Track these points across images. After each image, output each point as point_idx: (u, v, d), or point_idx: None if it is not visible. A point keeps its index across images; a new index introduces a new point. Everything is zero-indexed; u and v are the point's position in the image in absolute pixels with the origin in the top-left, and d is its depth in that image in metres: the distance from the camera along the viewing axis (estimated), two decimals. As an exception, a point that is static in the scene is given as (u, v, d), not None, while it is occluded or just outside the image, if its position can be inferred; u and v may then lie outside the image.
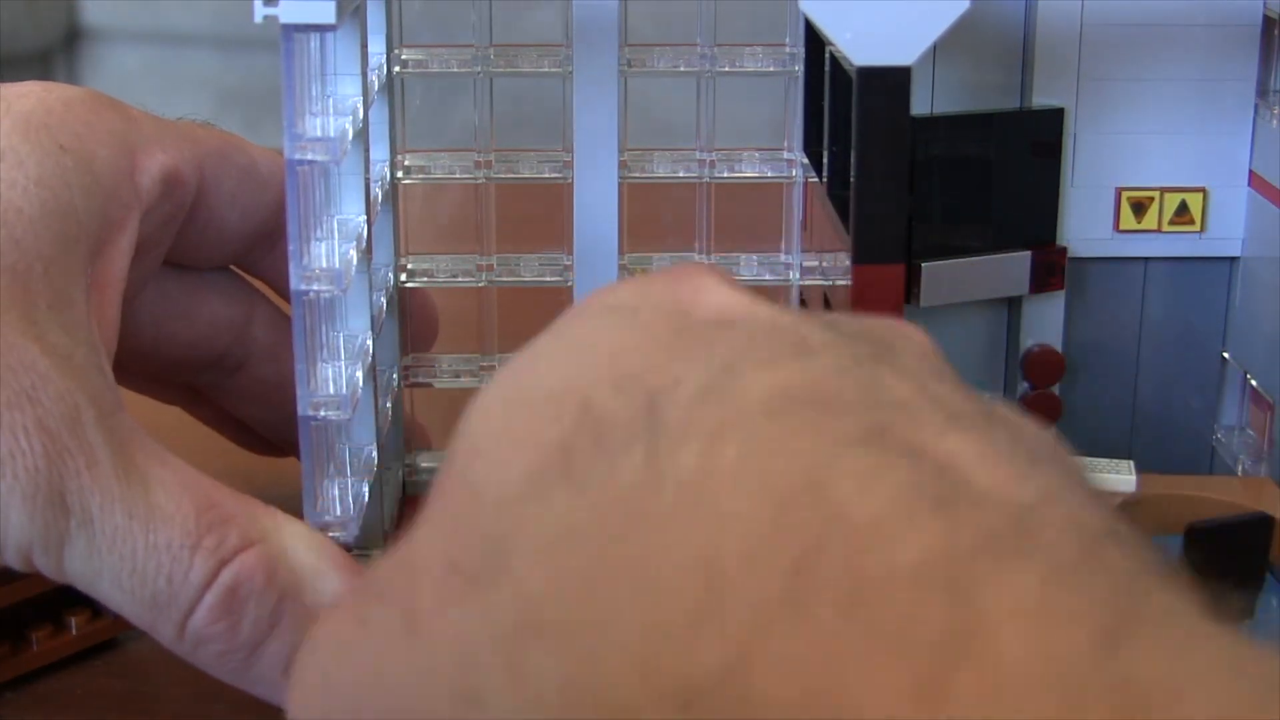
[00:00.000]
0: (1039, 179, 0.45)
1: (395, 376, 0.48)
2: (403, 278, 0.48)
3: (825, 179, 0.45)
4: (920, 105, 0.43)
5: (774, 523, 0.21)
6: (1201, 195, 0.46)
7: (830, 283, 0.44)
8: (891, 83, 0.38)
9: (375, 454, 0.43)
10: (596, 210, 0.47)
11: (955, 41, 0.40)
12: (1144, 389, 0.47)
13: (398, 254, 0.48)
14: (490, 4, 0.48)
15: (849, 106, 0.38)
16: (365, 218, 0.42)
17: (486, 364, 0.50)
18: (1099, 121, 0.45)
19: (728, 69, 0.49)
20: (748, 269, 0.50)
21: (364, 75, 0.42)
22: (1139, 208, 0.46)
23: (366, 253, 0.42)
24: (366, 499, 0.41)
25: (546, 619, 0.23)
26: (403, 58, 0.48)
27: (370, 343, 0.42)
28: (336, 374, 0.40)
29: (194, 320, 0.46)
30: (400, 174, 0.48)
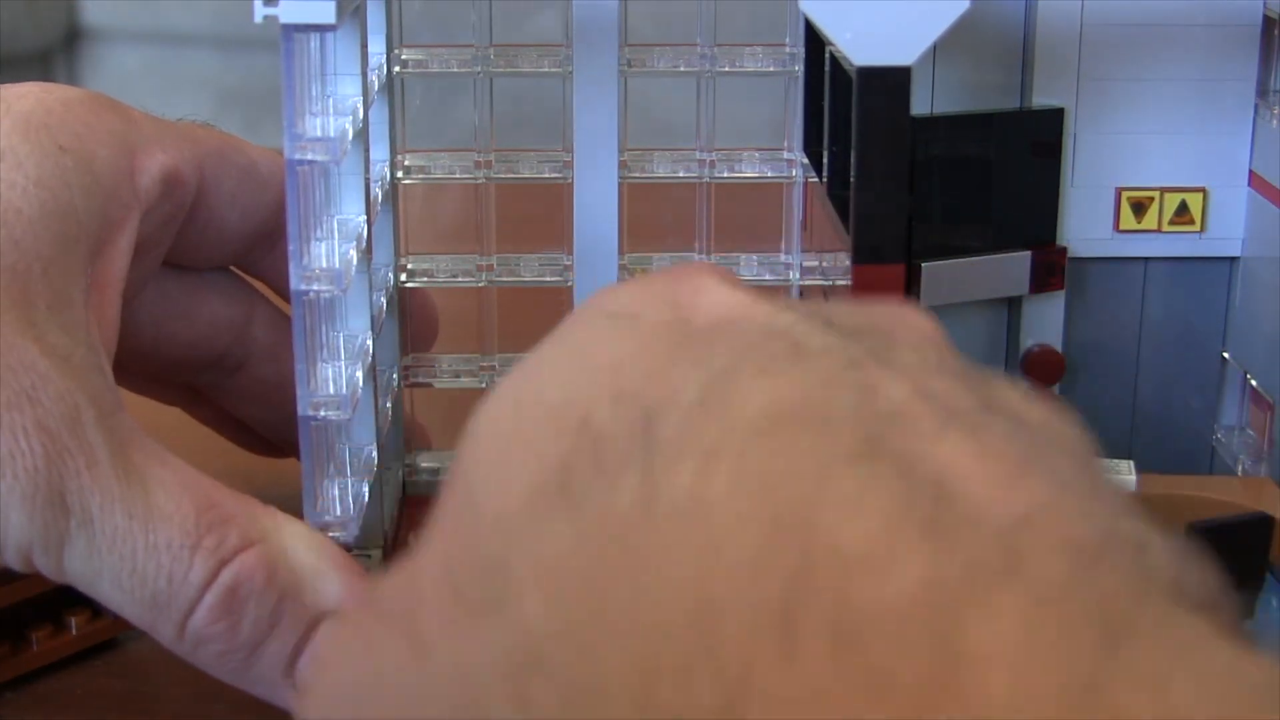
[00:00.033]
0: (1039, 179, 0.45)
1: (395, 376, 0.48)
2: (403, 278, 0.48)
3: (825, 179, 0.45)
4: (920, 105, 0.43)
5: (764, 553, 0.21)
6: (1201, 195, 0.46)
7: (830, 283, 0.44)
8: (891, 83, 0.38)
9: (375, 454, 0.43)
10: (596, 210, 0.47)
11: (955, 41, 0.40)
12: (1144, 389, 0.47)
13: (398, 254, 0.48)
14: (490, 4, 0.48)
15: (849, 106, 0.38)
16: (365, 218, 0.42)
17: (486, 364, 0.50)
18: (1099, 121, 0.45)
19: (728, 69, 0.48)
20: (748, 269, 0.50)
21: (364, 75, 0.42)
22: (1139, 208, 0.46)
23: (366, 253, 0.42)
24: (366, 499, 0.41)
25: (546, 651, 0.23)
26: (403, 58, 0.48)
27: (370, 343, 0.42)
28: (336, 374, 0.40)
29: (194, 320, 0.46)
30: (400, 174, 0.48)
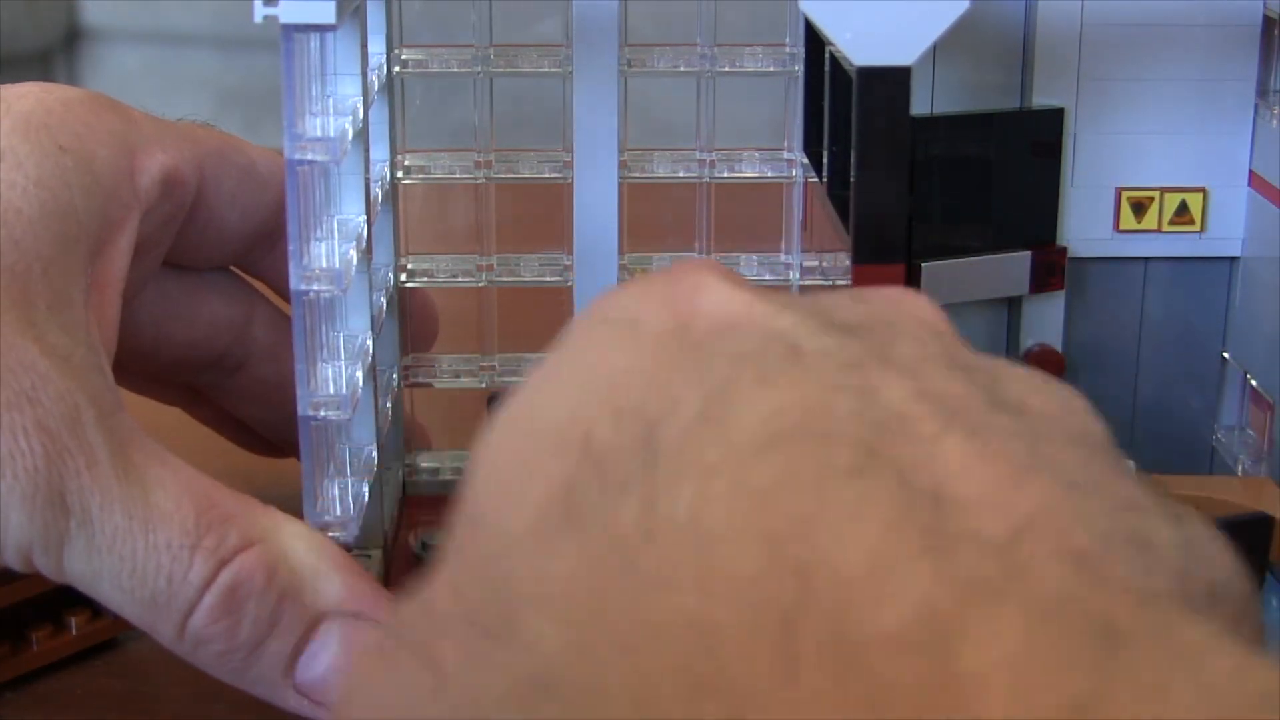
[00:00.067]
0: (1039, 179, 0.45)
1: (395, 376, 0.48)
2: (403, 278, 0.48)
3: (825, 179, 0.45)
4: (920, 105, 0.43)
5: (764, 576, 0.21)
6: (1201, 195, 0.46)
7: (830, 283, 0.44)
8: (891, 83, 0.38)
9: (375, 454, 0.43)
10: (596, 210, 0.47)
11: (955, 41, 0.40)
12: (1144, 389, 0.47)
13: (398, 254, 0.48)
14: (490, 4, 0.48)
15: (849, 106, 0.38)
16: (365, 218, 0.42)
17: (486, 364, 0.50)
18: (1099, 121, 0.45)
19: (728, 69, 0.49)
20: (748, 269, 0.50)
21: (364, 75, 0.42)
22: (1139, 208, 0.46)
23: (366, 253, 0.42)
24: (366, 499, 0.41)
25: (556, 679, 0.23)
26: (403, 58, 0.48)
27: (370, 343, 0.42)
28: (336, 374, 0.40)
29: (194, 320, 0.46)
30: (400, 174, 0.48)
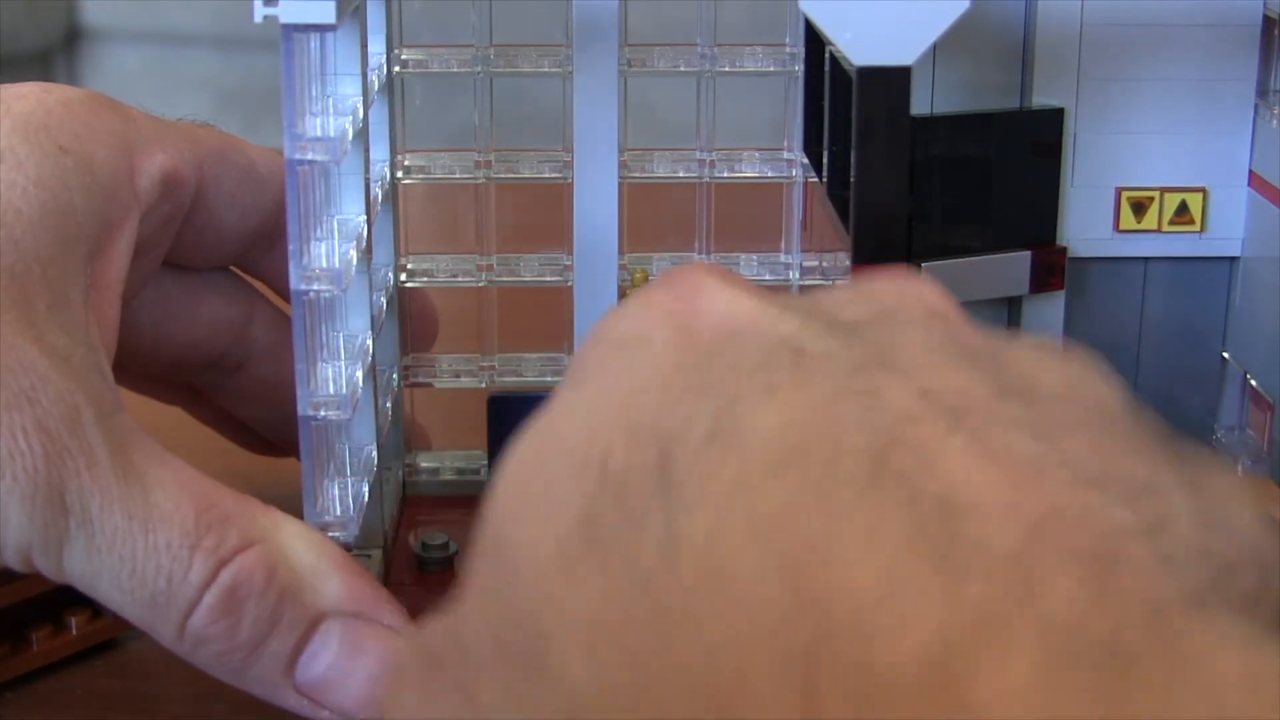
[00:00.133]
0: (1039, 179, 0.45)
1: (395, 376, 0.48)
2: (403, 278, 0.48)
3: (825, 179, 0.45)
4: (920, 105, 0.43)
5: (783, 608, 0.21)
6: (1201, 195, 0.46)
7: (830, 283, 0.44)
8: (891, 83, 0.38)
9: (375, 454, 0.43)
10: (596, 210, 0.47)
11: (955, 41, 0.40)
12: (1144, 389, 0.47)
13: (398, 254, 0.48)
14: (490, 4, 0.48)
15: (849, 106, 0.38)
16: (365, 218, 0.42)
17: (486, 364, 0.50)
18: (1099, 121, 0.45)
19: (728, 69, 0.49)
20: (748, 269, 0.50)
21: (364, 75, 0.42)
22: (1139, 208, 0.46)
23: (366, 253, 0.42)
24: (366, 499, 0.41)
25: (588, 712, 0.23)
26: (403, 58, 0.48)
27: (370, 343, 0.42)
28: (336, 374, 0.40)
29: (194, 320, 0.46)
30: (400, 174, 0.48)
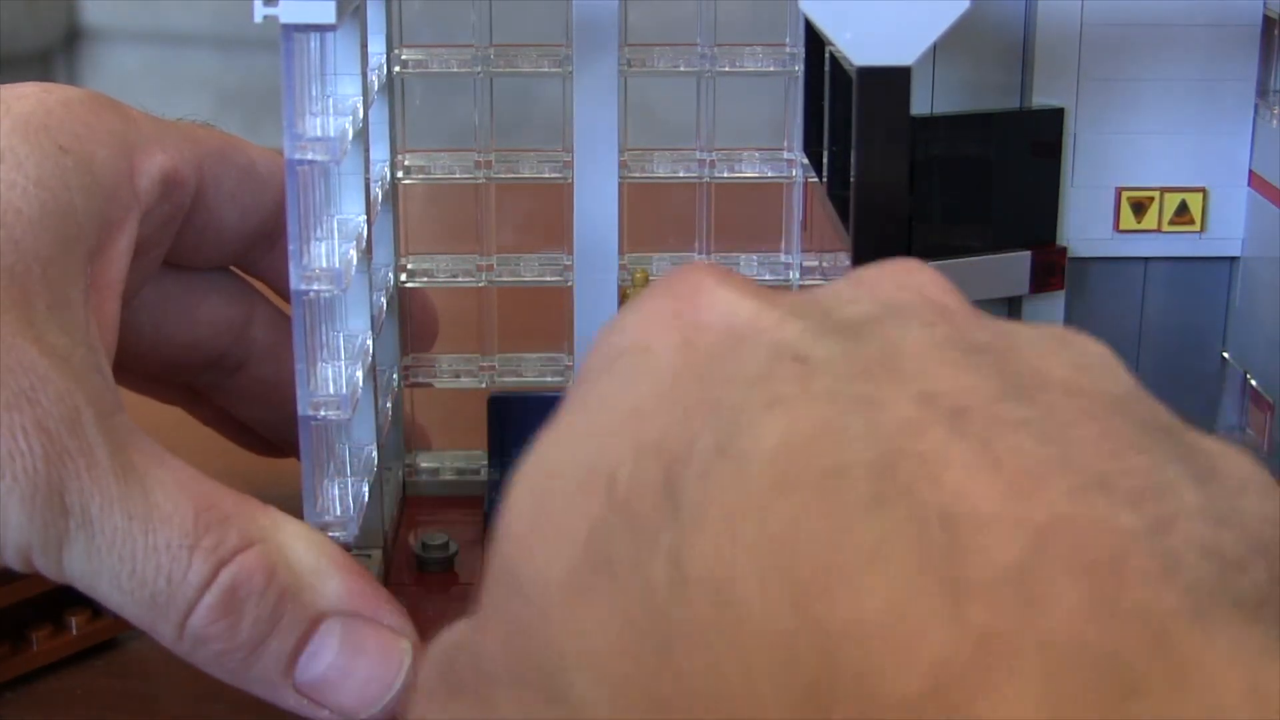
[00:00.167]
0: (1039, 179, 0.45)
1: (395, 376, 0.48)
2: (403, 278, 0.48)
3: (825, 179, 0.45)
4: (920, 105, 0.43)
5: (792, 638, 0.21)
6: (1201, 195, 0.46)
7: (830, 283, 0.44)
8: (891, 83, 0.38)
9: (375, 454, 0.43)
10: (596, 210, 0.47)
11: (955, 41, 0.40)
12: (1144, 389, 0.47)
13: (398, 254, 0.48)
14: (490, 4, 0.48)
15: (849, 106, 0.38)
16: (365, 218, 0.42)
17: (486, 364, 0.50)
18: (1099, 121, 0.45)
19: (728, 69, 0.49)
20: (748, 269, 0.50)
21: (364, 75, 0.42)
22: (1139, 208, 0.46)
23: (366, 253, 0.42)
24: (366, 499, 0.41)
25: None
26: (403, 58, 0.48)
27: (370, 343, 0.42)
28: (336, 374, 0.40)
29: (194, 320, 0.46)
30: (400, 174, 0.48)
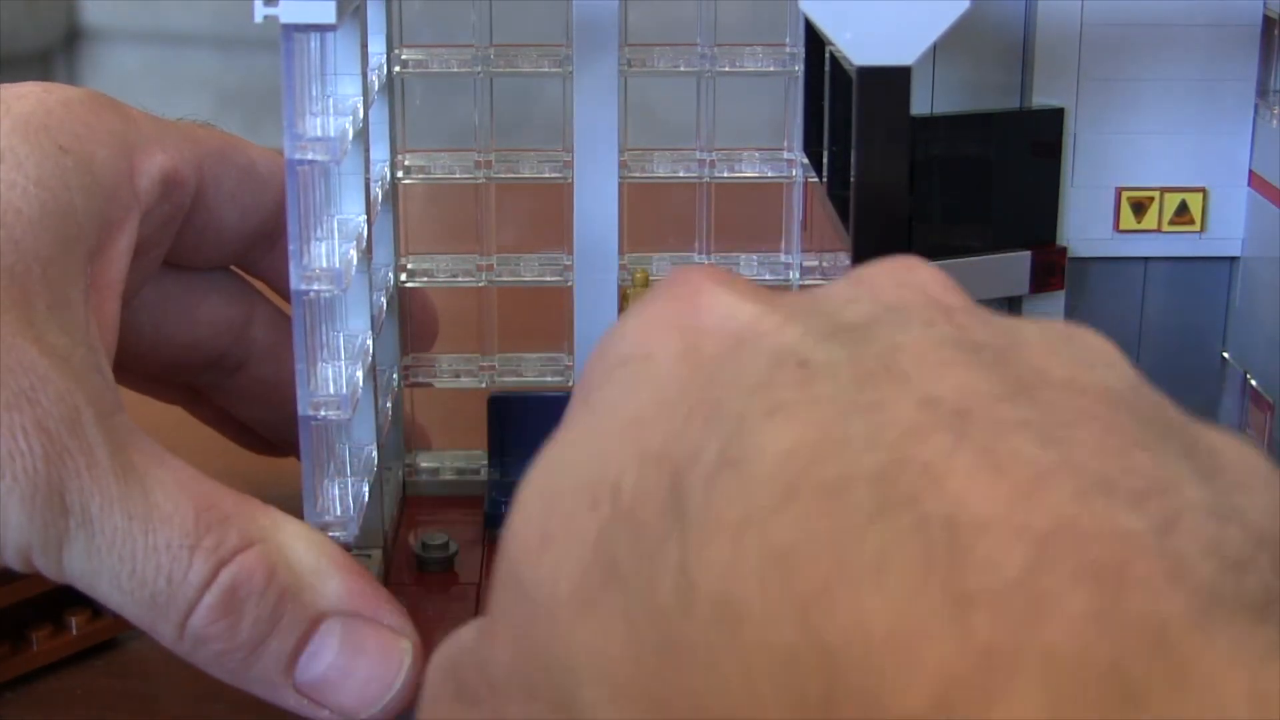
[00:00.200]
0: (1039, 179, 0.45)
1: (395, 376, 0.48)
2: (403, 278, 0.48)
3: (825, 179, 0.45)
4: (920, 105, 0.43)
5: (798, 654, 0.21)
6: (1201, 195, 0.46)
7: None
8: (891, 83, 0.38)
9: (375, 454, 0.43)
10: (596, 210, 0.47)
11: (955, 41, 0.40)
12: (1144, 389, 0.47)
13: (398, 254, 0.48)
14: (490, 4, 0.48)
15: (849, 106, 0.38)
16: (365, 218, 0.42)
17: (486, 364, 0.50)
18: (1099, 121, 0.45)
19: (728, 69, 0.49)
20: (748, 269, 0.50)
21: (364, 75, 0.42)
22: (1139, 208, 0.46)
23: (366, 253, 0.42)
24: (366, 499, 0.41)
25: None
26: (403, 58, 0.48)
27: (370, 343, 0.42)
28: (336, 374, 0.40)
29: (194, 320, 0.46)
30: (400, 174, 0.48)
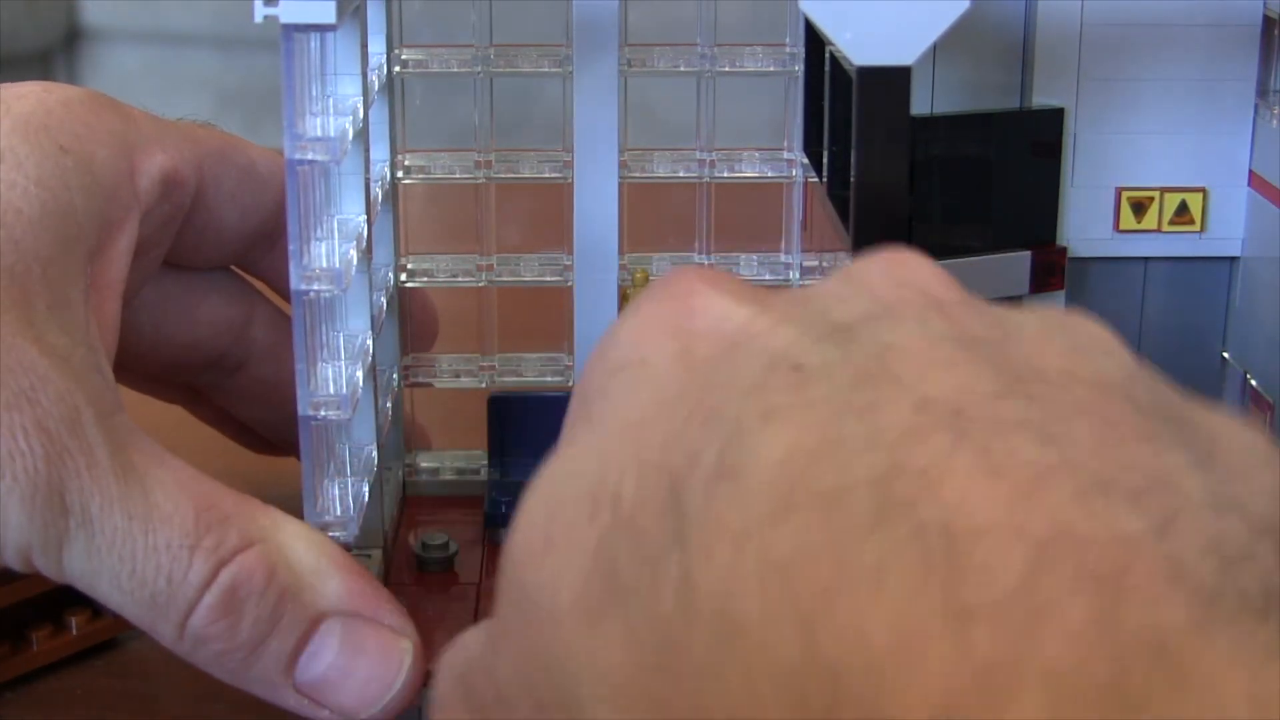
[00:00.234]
0: (1039, 179, 0.45)
1: (395, 376, 0.48)
2: (403, 278, 0.48)
3: (825, 179, 0.45)
4: (920, 105, 0.43)
5: (800, 668, 0.21)
6: (1201, 195, 0.46)
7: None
8: (891, 83, 0.38)
9: (375, 454, 0.43)
10: (596, 210, 0.47)
11: (955, 41, 0.40)
12: (1144, 389, 0.47)
13: (398, 254, 0.48)
14: (490, 4, 0.48)
15: (849, 106, 0.38)
16: (365, 218, 0.42)
17: (486, 364, 0.50)
18: (1099, 121, 0.45)
19: (728, 69, 0.48)
20: (748, 269, 0.50)
21: (364, 75, 0.42)
22: (1139, 208, 0.46)
23: (366, 253, 0.42)
24: (366, 499, 0.41)
25: None
26: (403, 58, 0.48)
27: (370, 343, 0.42)
28: (336, 374, 0.40)
29: (194, 320, 0.46)
30: (400, 174, 0.48)
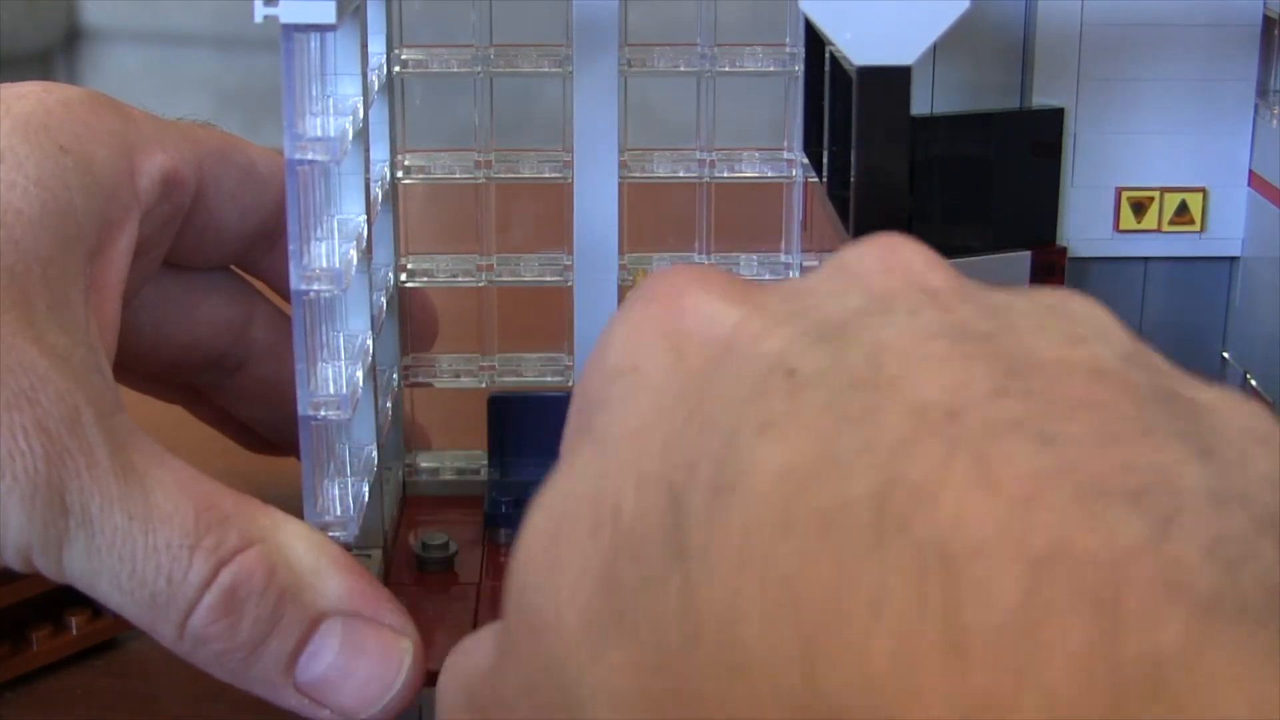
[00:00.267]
0: (1039, 179, 0.45)
1: (395, 376, 0.48)
2: (403, 278, 0.48)
3: (825, 179, 0.45)
4: (920, 105, 0.43)
5: (803, 694, 0.21)
6: (1201, 195, 0.46)
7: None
8: (891, 83, 0.38)
9: (375, 454, 0.43)
10: (596, 210, 0.47)
11: (955, 41, 0.40)
12: (1144, 389, 0.47)
13: (398, 254, 0.48)
14: (490, 4, 0.48)
15: (849, 106, 0.38)
16: (365, 218, 0.42)
17: (486, 364, 0.50)
18: (1099, 121, 0.45)
19: (728, 69, 0.48)
20: (748, 269, 0.50)
21: (364, 75, 0.42)
22: (1139, 208, 0.46)
23: (366, 253, 0.42)
24: (366, 499, 0.41)
25: None
26: (403, 58, 0.48)
27: (370, 343, 0.42)
28: (336, 374, 0.40)
29: (194, 320, 0.46)
30: (400, 174, 0.48)
